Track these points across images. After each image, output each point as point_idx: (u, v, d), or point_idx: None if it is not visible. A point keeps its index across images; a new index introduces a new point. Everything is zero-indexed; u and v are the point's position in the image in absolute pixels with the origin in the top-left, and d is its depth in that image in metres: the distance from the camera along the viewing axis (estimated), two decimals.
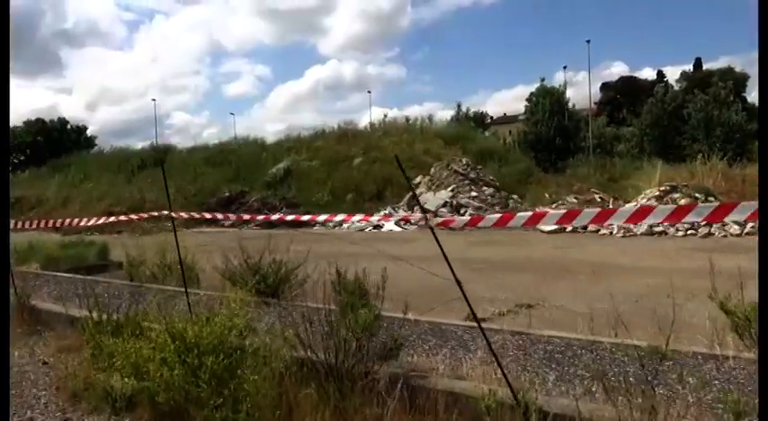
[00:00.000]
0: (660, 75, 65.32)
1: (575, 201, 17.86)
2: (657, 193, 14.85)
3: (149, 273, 8.25)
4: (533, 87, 37.25)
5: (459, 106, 44.67)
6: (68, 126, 55.75)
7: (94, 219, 7.16)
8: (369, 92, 64.81)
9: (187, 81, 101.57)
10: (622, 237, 13.31)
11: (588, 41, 35.24)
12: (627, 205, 15.03)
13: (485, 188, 19.22)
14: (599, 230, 13.81)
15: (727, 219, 4.56)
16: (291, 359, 3.94)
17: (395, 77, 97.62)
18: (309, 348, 3.94)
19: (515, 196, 19.04)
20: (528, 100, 53.33)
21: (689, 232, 12.77)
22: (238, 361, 3.93)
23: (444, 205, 18.23)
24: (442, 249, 3.21)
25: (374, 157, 26.52)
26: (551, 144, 35.06)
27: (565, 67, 67.62)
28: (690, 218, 2.53)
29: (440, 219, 3.28)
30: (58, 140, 51.43)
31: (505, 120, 62.05)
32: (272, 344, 4.04)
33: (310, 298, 6.77)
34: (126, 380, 4.20)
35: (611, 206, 16.68)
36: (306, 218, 6.42)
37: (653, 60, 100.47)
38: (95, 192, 24.16)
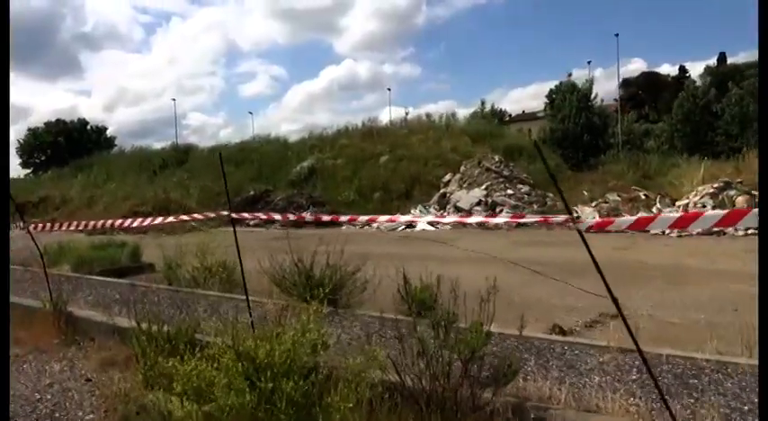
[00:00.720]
0: (682, 70, 63.90)
1: (618, 198, 17.12)
2: (712, 191, 14.09)
3: (189, 276, 7.73)
4: (549, 85, 36.43)
5: (482, 103, 43.81)
6: (88, 127, 55.94)
7: (140, 219, 6.65)
8: (389, 89, 65.11)
9: (203, 82, 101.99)
10: (678, 236, 12.59)
11: (617, 35, 34.45)
12: (714, 210, 14.20)
13: (520, 186, 18.53)
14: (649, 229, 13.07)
15: None
16: (380, 383, 3.36)
17: (410, 76, 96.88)
18: (402, 371, 3.36)
19: (551, 194, 18.32)
20: (548, 96, 52.50)
21: (749, 232, 12.01)
22: (319, 385, 3.38)
23: (478, 204, 17.59)
24: (591, 254, 2.60)
25: (401, 155, 25.95)
26: (578, 141, 34.10)
27: (589, 63, 66.06)
28: None
29: (592, 221, 2.65)
30: (79, 141, 51.61)
31: (524, 117, 61.05)
32: (354, 363, 3.46)
33: (371, 305, 6.23)
34: (186, 404, 3.64)
35: (657, 204, 15.95)
36: (344, 218, 5.85)
37: (671, 56, 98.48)
38: (120, 192, 23.89)
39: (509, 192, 17.70)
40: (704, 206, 13.54)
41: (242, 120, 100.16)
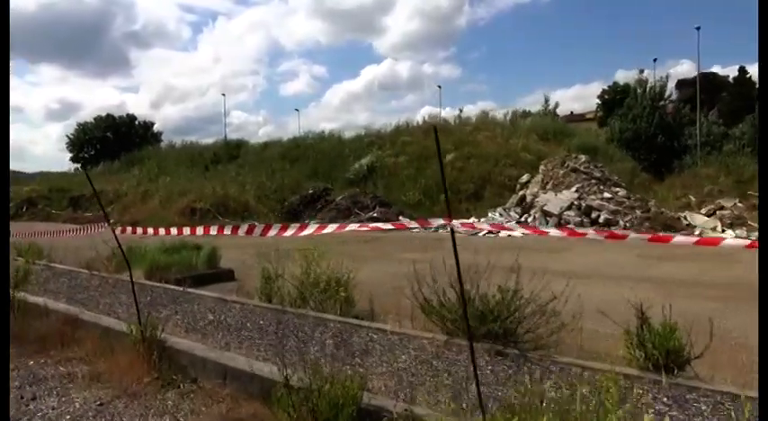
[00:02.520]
0: (743, 70, 60.14)
1: (740, 204, 15.07)
2: None
3: (294, 291, 6.28)
4: (592, 87, 34.46)
5: (546, 101, 41.65)
6: (136, 122, 56.13)
7: (249, 227, 5.20)
8: (439, 87, 62.46)
9: (246, 80, 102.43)
10: None
11: (698, 28, 31.75)
12: None
13: (615, 189, 16.65)
14: None
15: None
16: None
17: (450, 77, 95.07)
18: None
19: (652, 199, 16.38)
20: (600, 97, 49.86)
21: None
22: None
23: (569, 207, 15.78)
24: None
25: (468, 154, 24.28)
26: (651, 142, 31.79)
27: (655, 60, 60.83)
28: None
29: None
30: (127, 135, 51.77)
31: (573, 118, 58.40)
32: None
33: (564, 347, 4.64)
34: None
35: None
36: (458, 225, 4.23)
37: (721, 58, 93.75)
38: (176, 187, 22.90)
39: (605, 195, 15.82)
40: None
41: (281, 118, 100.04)
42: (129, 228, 6.40)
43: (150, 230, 5.64)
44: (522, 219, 16.77)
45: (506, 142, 25.05)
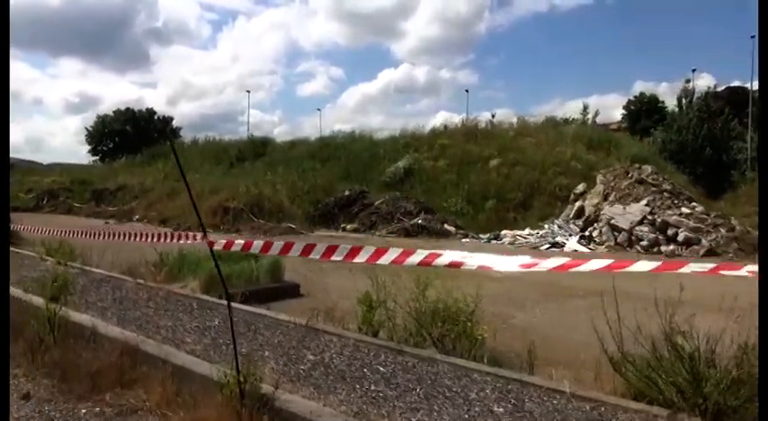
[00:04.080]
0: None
1: None
2: None
3: (408, 323, 4.97)
4: (610, 97, 32.89)
5: (585, 108, 40.09)
6: (155, 116, 55.57)
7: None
8: (466, 91, 60.90)
9: (263, 80, 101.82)
10: None
11: (753, 37, 30.17)
12: None
13: (692, 204, 15.22)
14: None
15: None
16: None
17: (467, 83, 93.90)
18: None
19: (733, 217, 14.92)
20: (626, 108, 47.82)
21: None
22: None
23: (641, 222, 14.37)
24: None
25: (513, 160, 22.90)
26: (699, 154, 30.24)
27: (694, 71, 58.11)
28: None
29: None
30: (146, 130, 51.24)
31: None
32: None
33: None
34: None
35: None
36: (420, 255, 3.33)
37: (740, 73, 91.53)
38: (207, 185, 21.70)
39: (684, 210, 14.39)
40: None
41: (297, 118, 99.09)
42: (217, 240, 5.13)
43: (241, 241, 4.34)
44: (587, 233, 15.36)
45: (553, 149, 23.65)
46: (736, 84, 41.31)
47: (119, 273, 8.24)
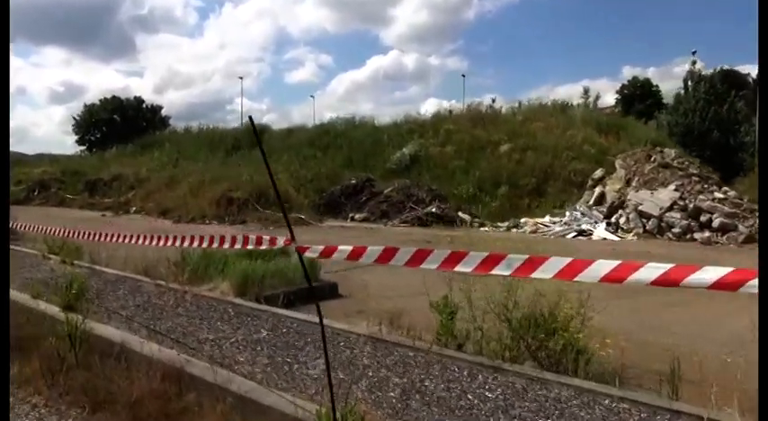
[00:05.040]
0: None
1: None
2: None
3: (501, 333, 4.22)
4: (600, 82, 32.16)
5: (586, 92, 39.29)
6: (144, 105, 54.17)
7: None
8: (463, 76, 59.42)
9: (251, 68, 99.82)
10: None
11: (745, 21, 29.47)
12: None
13: (724, 188, 14.58)
14: None
15: None
16: None
17: (456, 69, 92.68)
18: None
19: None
20: (620, 92, 47.00)
21: None
22: None
23: (671, 208, 13.71)
24: None
25: (524, 145, 22.15)
26: (706, 138, 29.66)
27: (694, 52, 55.07)
28: None
29: None
30: (134, 119, 49.91)
31: None
32: None
33: None
34: None
35: None
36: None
37: (727, 58, 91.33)
38: (206, 174, 20.76)
39: (717, 195, 13.74)
40: None
41: (285, 106, 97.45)
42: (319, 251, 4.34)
43: (346, 248, 3.55)
44: (612, 219, 14.69)
45: (563, 134, 22.90)
46: (723, 67, 40.60)
47: (133, 273, 7.42)
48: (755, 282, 1.83)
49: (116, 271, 7.60)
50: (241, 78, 73.54)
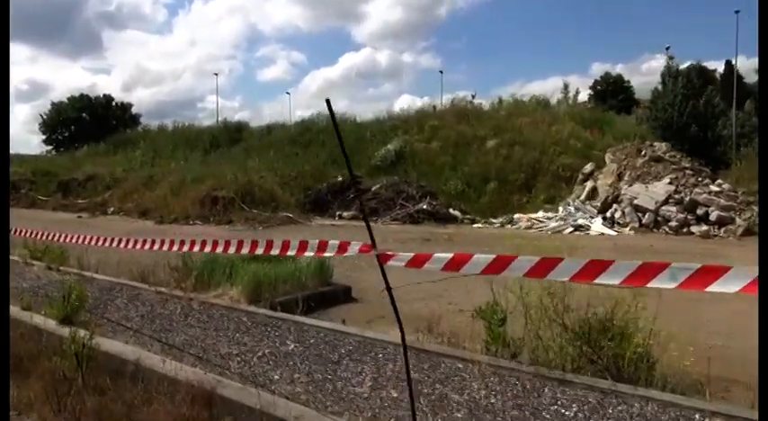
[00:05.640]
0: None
1: None
2: None
3: (561, 343, 3.87)
4: (570, 78, 32.33)
5: (566, 87, 39.30)
6: (114, 103, 52.69)
7: None
8: (440, 72, 58.94)
9: (222, 65, 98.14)
10: None
11: (737, 12, 29.99)
12: None
13: (719, 181, 14.56)
14: None
15: None
16: None
17: (429, 66, 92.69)
18: None
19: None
20: (592, 87, 47.63)
21: None
22: None
23: (666, 202, 13.63)
24: None
25: (511, 140, 21.95)
26: (683, 132, 29.99)
27: (668, 48, 55.25)
28: None
29: None
30: (104, 117, 48.52)
31: None
32: None
33: None
34: None
35: None
36: None
37: (693, 53, 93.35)
38: (189, 173, 20.03)
39: (713, 188, 13.69)
40: None
41: (257, 103, 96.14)
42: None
43: (355, 247, 3.14)
44: (608, 214, 14.56)
45: (549, 129, 22.77)
46: (689, 63, 41.22)
47: (129, 279, 6.88)
48: None
49: (109, 277, 7.05)
50: (216, 75, 71.46)
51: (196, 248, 4.70)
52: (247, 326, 4.93)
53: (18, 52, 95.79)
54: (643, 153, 16.31)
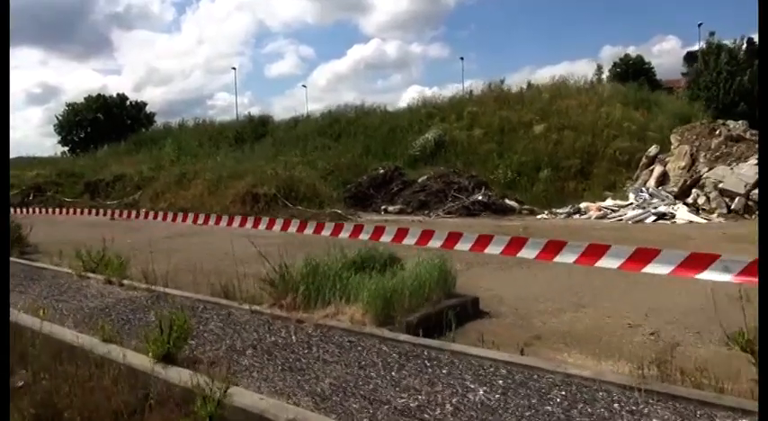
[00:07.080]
0: (750, 42, 56.67)
1: None
2: None
3: None
4: (580, 63, 30.85)
5: (599, 68, 37.79)
6: (128, 102, 52.07)
7: None
8: (461, 58, 57.58)
9: (231, 62, 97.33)
10: None
11: None
12: None
13: None
14: None
15: None
16: None
17: (440, 56, 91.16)
18: None
19: None
20: (611, 70, 45.78)
21: None
22: None
23: (757, 185, 12.34)
24: None
25: (559, 124, 20.71)
26: (731, 109, 28.50)
27: (700, 25, 49.96)
28: None
29: None
30: (119, 117, 47.96)
31: None
32: None
33: None
34: None
35: None
36: None
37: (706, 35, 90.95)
38: (224, 170, 19.03)
39: None
40: None
41: (267, 99, 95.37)
42: None
43: None
44: (689, 200, 13.31)
45: (597, 110, 21.50)
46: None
47: (210, 295, 5.80)
48: None
49: (184, 292, 5.97)
50: (234, 69, 70.02)
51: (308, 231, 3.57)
52: (396, 360, 3.83)
53: (29, 56, 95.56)
54: (718, 132, 15.00)
